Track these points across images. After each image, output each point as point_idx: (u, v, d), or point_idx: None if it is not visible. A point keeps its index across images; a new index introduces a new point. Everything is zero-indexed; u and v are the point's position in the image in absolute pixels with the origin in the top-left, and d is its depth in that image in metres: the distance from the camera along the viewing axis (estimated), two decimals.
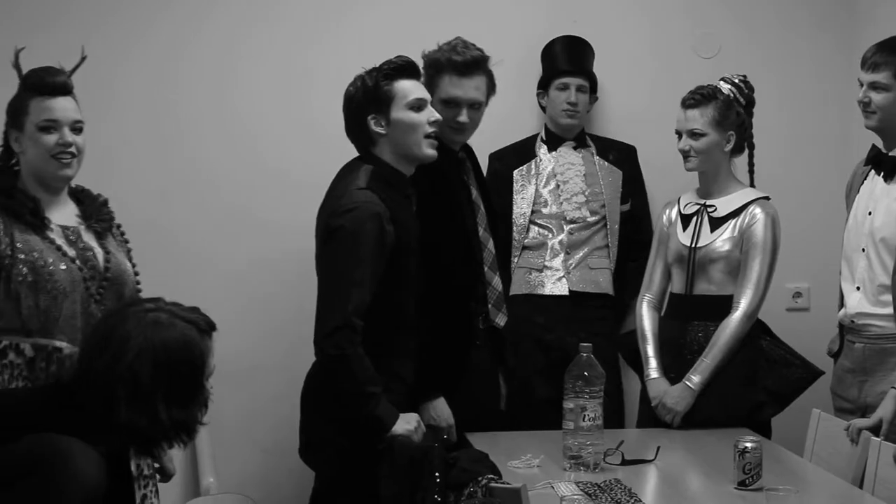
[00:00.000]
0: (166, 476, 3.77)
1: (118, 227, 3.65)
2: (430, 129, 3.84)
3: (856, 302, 4.16)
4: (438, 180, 4.04)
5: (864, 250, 4.13)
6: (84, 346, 2.86)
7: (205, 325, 2.80)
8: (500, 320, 4.26)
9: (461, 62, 4.10)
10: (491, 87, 4.18)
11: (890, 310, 4.01)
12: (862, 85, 4.08)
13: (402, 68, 3.84)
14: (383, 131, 3.82)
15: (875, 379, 4.09)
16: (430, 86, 4.06)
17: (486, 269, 4.21)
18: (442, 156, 3.97)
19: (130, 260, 3.62)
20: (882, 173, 4.11)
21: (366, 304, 3.68)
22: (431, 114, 3.86)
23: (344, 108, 3.90)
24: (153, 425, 2.70)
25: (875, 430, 3.72)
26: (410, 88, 3.84)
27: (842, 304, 4.25)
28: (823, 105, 5.24)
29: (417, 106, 3.83)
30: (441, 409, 3.99)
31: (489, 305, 4.22)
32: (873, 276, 4.09)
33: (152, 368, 2.67)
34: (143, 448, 2.90)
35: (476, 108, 4.14)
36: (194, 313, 2.82)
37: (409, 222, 3.82)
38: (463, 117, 4.11)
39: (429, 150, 3.86)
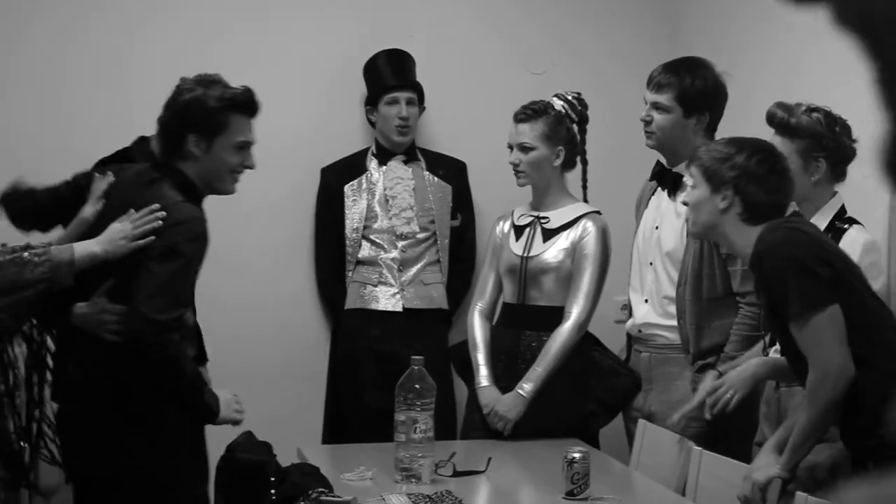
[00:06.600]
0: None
1: None
2: (240, 170, 3.66)
3: (643, 313, 4.23)
4: None
5: (651, 264, 4.21)
6: None
7: None
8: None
9: None
10: None
11: (675, 321, 4.12)
12: (646, 104, 4.11)
13: (245, 104, 3.60)
14: (197, 154, 3.58)
15: (659, 388, 4.17)
16: None
17: None
18: None
19: None
20: (666, 189, 4.20)
21: None
22: (248, 158, 3.65)
23: (169, 107, 3.60)
24: None
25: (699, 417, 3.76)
26: (244, 128, 3.62)
27: (630, 315, 4.34)
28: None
29: (241, 147, 3.62)
30: None
31: None
32: (660, 289, 4.17)
33: None
34: None
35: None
36: None
37: None
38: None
39: (231, 186, 3.68)
